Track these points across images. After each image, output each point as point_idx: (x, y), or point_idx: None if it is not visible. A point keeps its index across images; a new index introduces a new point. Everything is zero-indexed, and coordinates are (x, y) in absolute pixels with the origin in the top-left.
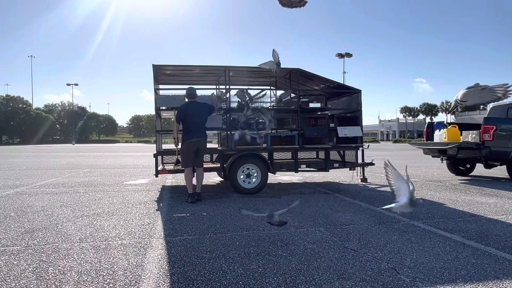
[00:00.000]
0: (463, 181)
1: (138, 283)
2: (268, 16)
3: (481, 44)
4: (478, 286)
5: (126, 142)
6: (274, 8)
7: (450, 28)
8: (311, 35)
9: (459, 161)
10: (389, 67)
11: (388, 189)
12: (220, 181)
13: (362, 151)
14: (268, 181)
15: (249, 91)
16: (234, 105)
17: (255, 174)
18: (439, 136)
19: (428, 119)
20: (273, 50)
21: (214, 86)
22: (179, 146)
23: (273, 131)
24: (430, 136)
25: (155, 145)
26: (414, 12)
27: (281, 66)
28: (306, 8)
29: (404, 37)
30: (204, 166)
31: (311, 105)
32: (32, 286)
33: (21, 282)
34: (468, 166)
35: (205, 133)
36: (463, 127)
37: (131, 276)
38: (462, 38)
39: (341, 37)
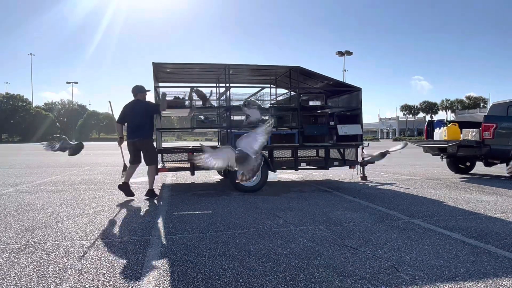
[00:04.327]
0: (463, 179)
1: (138, 281)
2: (268, 15)
3: (479, 40)
4: (478, 284)
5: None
6: (274, 7)
7: (447, 25)
8: (311, 33)
9: (459, 159)
10: (387, 65)
11: (388, 187)
12: (220, 179)
13: (362, 149)
14: (268, 179)
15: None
16: (234, 103)
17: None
18: (439, 134)
19: (428, 117)
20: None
21: (214, 84)
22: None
23: (273, 129)
24: (430, 134)
25: (155, 143)
26: (411, 10)
27: (281, 64)
28: (306, 7)
29: (401, 34)
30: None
31: (311, 103)
32: (32, 284)
33: (22, 280)
34: (468, 164)
35: (142, 133)
36: (463, 125)
37: (131, 274)
38: (459, 35)
39: (341, 36)
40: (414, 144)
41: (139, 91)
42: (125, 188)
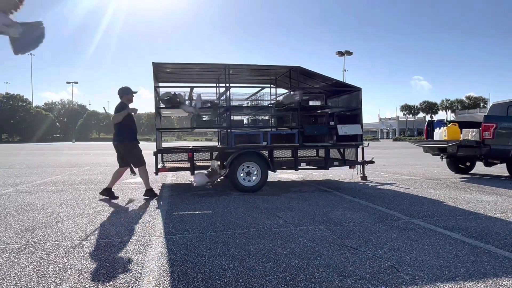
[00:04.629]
0: (463, 179)
1: (138, 281)
2: (268, 15)
3: (479, 40)
4: (478, 283)
5: None
6: (274, 7)
7: (447, 25)
8: (311, 33)
9: (459, 159)
10: (388, 65)
11: (388, 187)
12: (220, 179)
13: (362, 149)
14: (268, 179)
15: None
16: (234, 103)
17: (255, 172)
18: (439, 134)
19: (428, 117)
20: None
21: (214, 84)
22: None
23: (273, 129)
24: (430, 134)
25: (155, 143)
26: (411, 10)
27: (281, 65)
28: (306, 7)
29: (401, 34)
30: (205, 164)
31: (311, 103)
32: (32, 284)
33: (22, 280)
34: (468, 164)
35: (118, 137)
36: (463, 125)
37: (131, 274)
38: (459, 35)
39: (341, 36)
40: (414, 144)
41: (123, 93)
42: (107, 193)
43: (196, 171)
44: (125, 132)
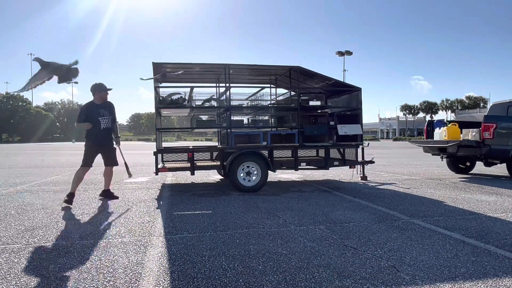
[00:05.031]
0: (463, 179)
1: (138, 281)
2: (268, 15)
3: (479, 40)
4: (478, 283)
5: (126, 140)
6: (274, 7)
7: (447, 25)
8: (310, 33)
9: (459, 159)
10: (388, 65)
11: (388, 187)
12: (220, 179)
13: (362, 149)
14: (268, 179)
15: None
16: (234, 103)
17: (255, 172)
18: (439, 134)
19: (428, 117)
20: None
21: (214, 84)
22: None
23: (273, 129)
24: (430, 134)
25: (155, 143)
26: (411, 9)
27: (281, 65)
28: (305, 7)
29: (401, 34)
30: (205, 164)
31: (311, 103)
32: (32, 284)
33: (22, 280)
34: (468, 164)
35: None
36: (463, 125)
37: (131, 274)
38: (459, 35)
39: (341, 36)
40: (414, 144)
41: (96, 89)
42: (105, 195)
43: None
44: (90, 132)
